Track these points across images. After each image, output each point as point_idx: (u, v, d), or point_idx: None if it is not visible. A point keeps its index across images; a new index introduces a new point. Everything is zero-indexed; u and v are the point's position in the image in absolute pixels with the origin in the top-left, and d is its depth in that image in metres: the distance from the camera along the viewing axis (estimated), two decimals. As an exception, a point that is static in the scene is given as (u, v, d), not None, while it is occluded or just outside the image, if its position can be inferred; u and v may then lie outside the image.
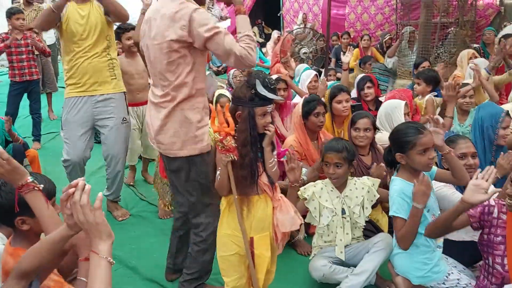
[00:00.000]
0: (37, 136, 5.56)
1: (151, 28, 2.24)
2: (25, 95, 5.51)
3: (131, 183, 4.29)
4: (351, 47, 5.49)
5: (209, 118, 2.14)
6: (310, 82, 4.54)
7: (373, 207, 2.80)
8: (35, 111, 5.53)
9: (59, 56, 8.28)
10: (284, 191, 2.85)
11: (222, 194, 2.08)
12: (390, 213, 2.32)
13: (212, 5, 12.30)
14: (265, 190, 2.07)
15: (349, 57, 5.04)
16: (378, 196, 2.61)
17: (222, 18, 12.27)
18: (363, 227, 2.66)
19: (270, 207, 2.10)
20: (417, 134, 2.27)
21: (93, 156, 3.65)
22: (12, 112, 5.23)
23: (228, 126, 1.84)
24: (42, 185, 1.73)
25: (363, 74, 4.72)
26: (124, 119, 3.53)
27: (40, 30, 3.17)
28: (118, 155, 3.53)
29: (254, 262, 2.08)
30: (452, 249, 2.45)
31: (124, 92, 3.56)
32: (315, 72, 4.61)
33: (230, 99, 3.08)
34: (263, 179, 2.05)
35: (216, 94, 3.88)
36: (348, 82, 5.04)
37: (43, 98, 6.19)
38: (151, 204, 3.87)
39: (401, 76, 6.10)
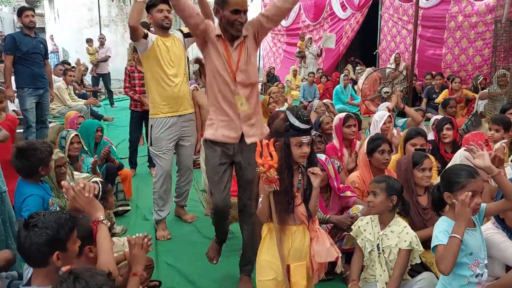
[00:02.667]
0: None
1: None
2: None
3: None
4: (400, 92, 5.50)
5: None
6: (384, 123, 4.54)
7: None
8: None
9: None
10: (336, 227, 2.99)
11: (263, 221, 2.25)
12: (432, 245, 2.27)
13: (310, 44, 12.71)
14: (303, 221, 2.20)
15: (393, 105, 5.09)
16: (418, 261, 2.57)
17: (318, 55, 12.62)
18: (412, 268, 2.62)
19: (307, 238, 2.22)
20: (469, 177, 2.23)
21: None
22: (136, 138, 5.64)
23: (272, 159, 2.02)
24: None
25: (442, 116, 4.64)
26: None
27: (135, 26, 3.38)
28: (191, 167, 4.06)
29: (290, 289, 2.21)
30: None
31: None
32: (388, 113, 4.60)
33: None
34: (301, 209, 2.19)
35: None
36: (415, 117, 5.03)
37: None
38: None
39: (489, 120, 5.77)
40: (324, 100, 6.49)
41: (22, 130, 5.58)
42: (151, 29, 4.15)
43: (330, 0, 12.55)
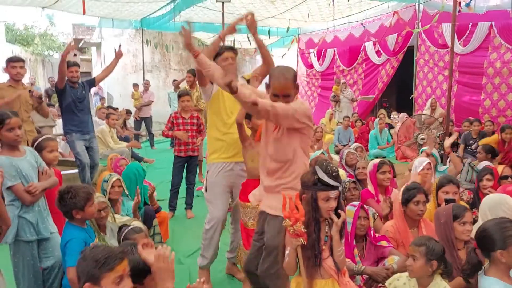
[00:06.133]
0: (189, 205, 5.84)
1: None
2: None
3: None
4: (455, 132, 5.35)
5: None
6: (423, 169, 4.50)
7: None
8: (190, 181, 5.86)
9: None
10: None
11: (290, 274, 2.26)
12: None
13: (345, 88, 12.83)
14: (332, 275, 2.20)
15: (450, 142, 4.96)
16: None
17: (353, 100, 12.69)
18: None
19: (337, 291, 2.21)
20: None
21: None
22: (178, 181, 5.76)
23: (298, 212, 2.05)
24: None
25: (486, 164, 4.57)
26: None
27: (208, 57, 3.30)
28: None
29: None
30: None
31: None
32: (428, 160, 4.57)
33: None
34: (329, 263, 2.19)
35: None
36: (457, 164, 4.90)
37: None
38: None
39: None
40: (354, 145, 6.47)
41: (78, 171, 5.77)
42: None
43: (365, 46, 12.74)
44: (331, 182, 2.14)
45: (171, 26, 12.54)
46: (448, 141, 5.03)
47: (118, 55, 5.99)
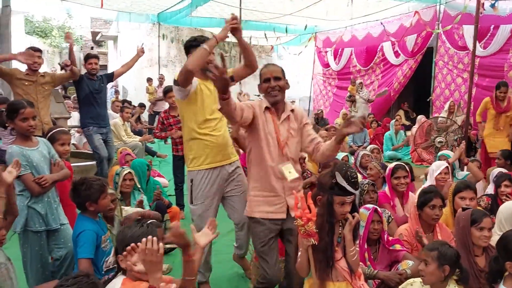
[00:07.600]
0: None
1: None
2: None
3: None
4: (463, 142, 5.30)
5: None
6: (440, 173, 4.41)
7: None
8: None
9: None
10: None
11: (302, 275, 2.23)
12: None
13: (361, 88, 12.70)
14: (345, 277, 2.16)
15: (455, 158, 4.89)
16: None
17: (369, 101, 12.55)
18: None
19: (351, 294, 2.16)
20: None
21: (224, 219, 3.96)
22: (179, 180, 5.71)
23: (310, 212, 2.02)
24: None
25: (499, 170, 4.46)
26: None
27: (193, 71, 3.09)
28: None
29: None
30: None
31: None
32: (446, 164, 4.47)
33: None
34: (342, 264, 2.15)
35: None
36: (477, 174, 4.80)
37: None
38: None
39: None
40: (370, 146, 6.38)
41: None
42: None
43: (383, 46, 12.58)
44: (349, 188, 2.11)
45: (188, 21, 12.53)
46: (452, 159, 4.96)
47: (140, 52, 6.03)
